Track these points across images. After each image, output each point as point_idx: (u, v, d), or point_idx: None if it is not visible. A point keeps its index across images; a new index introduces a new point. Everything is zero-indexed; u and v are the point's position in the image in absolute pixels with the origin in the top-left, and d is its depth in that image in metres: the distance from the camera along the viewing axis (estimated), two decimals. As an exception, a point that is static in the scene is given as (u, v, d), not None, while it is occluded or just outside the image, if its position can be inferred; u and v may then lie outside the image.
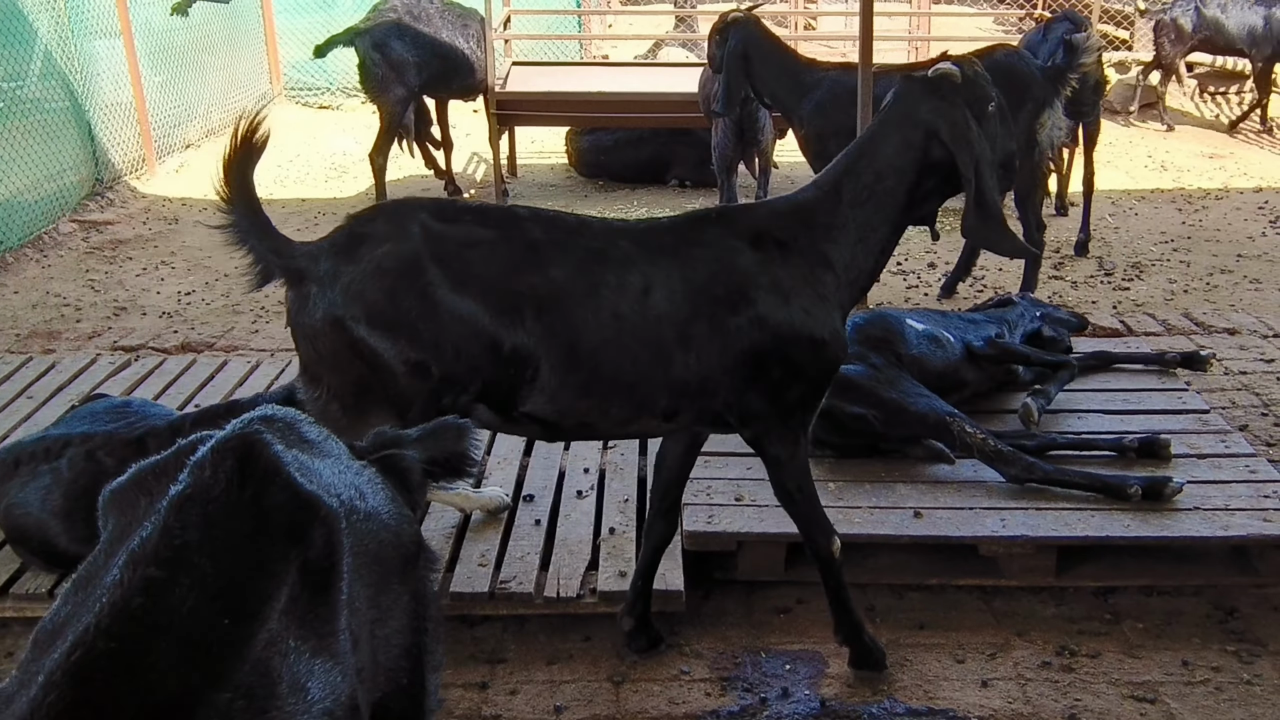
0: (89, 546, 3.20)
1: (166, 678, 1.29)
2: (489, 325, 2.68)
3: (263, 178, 9.26)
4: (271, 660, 1.37)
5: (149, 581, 1.35)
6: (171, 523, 1.42)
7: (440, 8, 7.88)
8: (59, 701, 1.24)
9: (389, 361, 2.68)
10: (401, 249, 2.69)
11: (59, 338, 5.82)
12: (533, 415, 2.81)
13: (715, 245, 2.81)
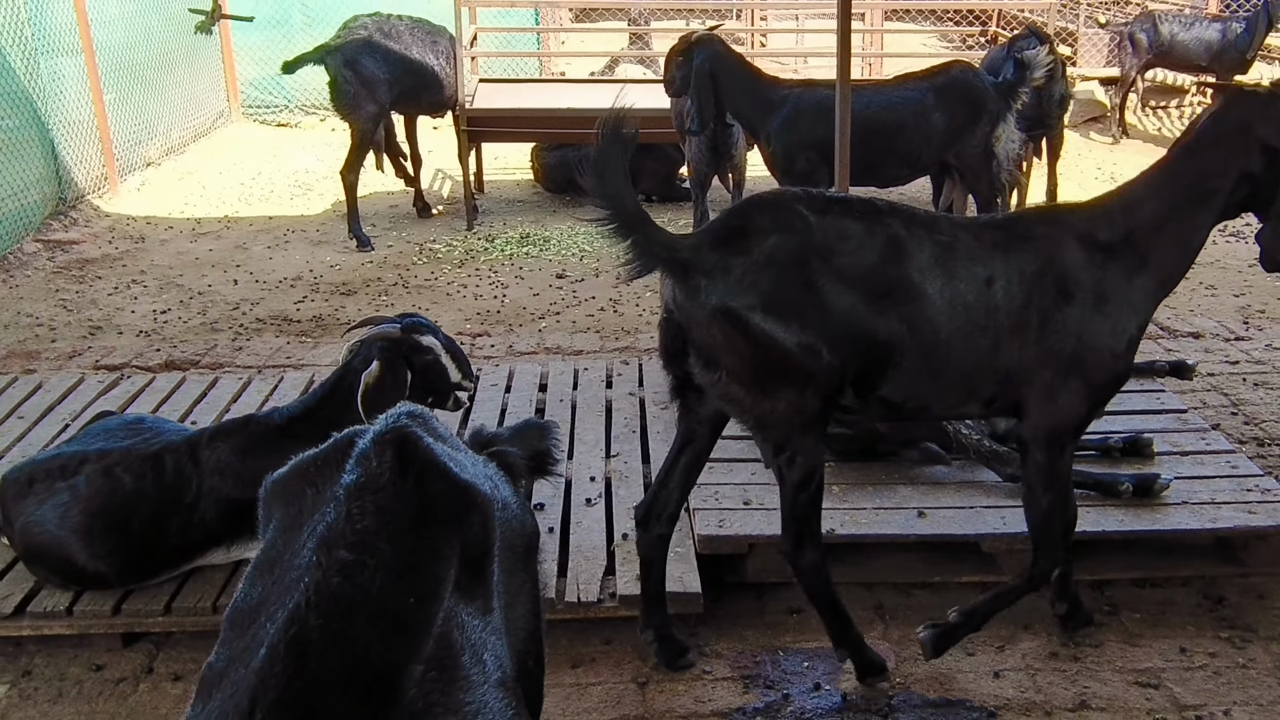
0: (107, 563, 3.23)
1: (370, 651, 1.35)
2: (866, 314, 2.82)
3: (226, 195, 9.34)
4: (452, 635, 1.44)
5: (343, 564, 1.40)
6: (352, 509, 1.48)
7: (410, 25, 7.92)
8: (285, 670, 1.30)
9: (785, 344, 2.81)
10: (789, 241, 2.82)
11: (38, 358, 5.76)
12: (885, 399, 2.96)
13: (1044, 242, 2.94)
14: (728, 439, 4.25)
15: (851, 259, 2.84)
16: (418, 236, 8.23)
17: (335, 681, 1.30)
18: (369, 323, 3.71)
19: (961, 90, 5.98)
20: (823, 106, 5.82)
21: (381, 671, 1.34)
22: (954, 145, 5.99)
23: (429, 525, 1.53)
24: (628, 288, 7.04)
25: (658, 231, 2.88)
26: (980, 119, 5.94)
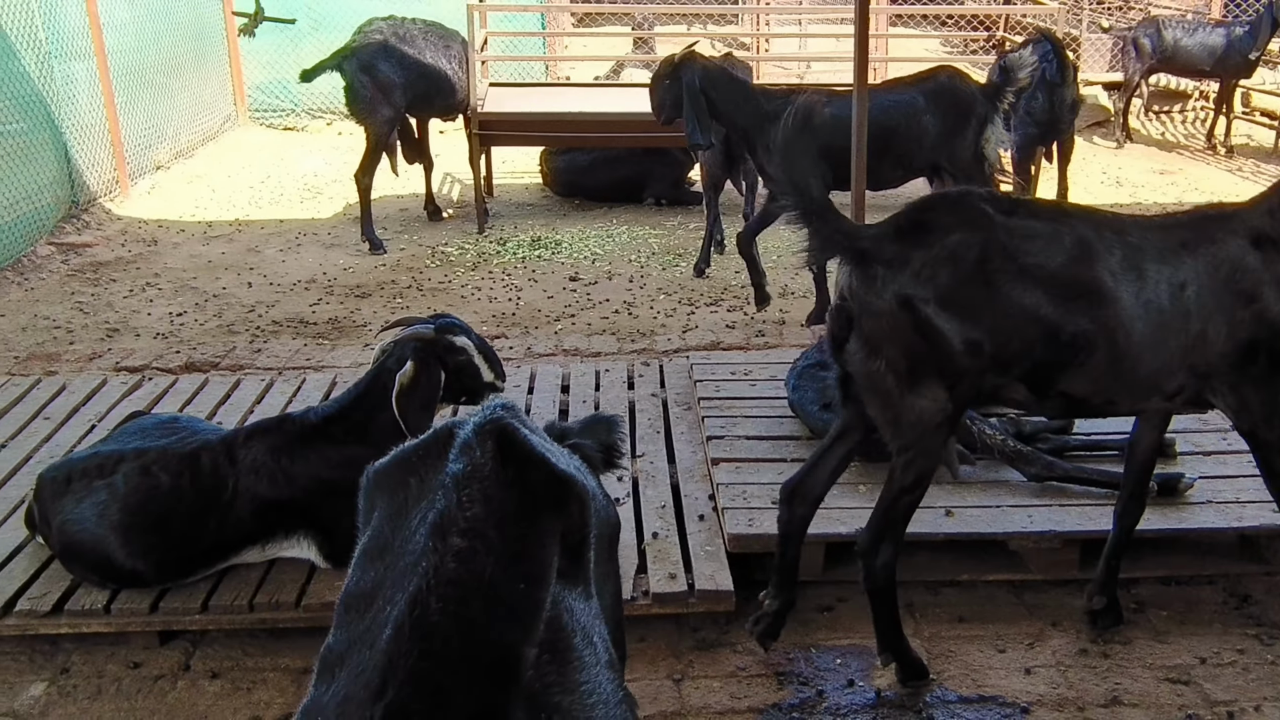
0: (145, 561, 3.25)
1: (488, 633, 1.38)
2: (1050, 312, 2.87)
3: (236, 199, 9.37)
4: (562, 618, 1.48)
5: (457, 550, 1.43)
6: (461, 498, 1.51)
7: (423, 29, 7.95)
8: (412, 650, 1.33)
9: (950, 339, 2.87)
10: (972, 237, 2.87)
11: (58, 360, 5.78)
12: (1067, 393, 3.01)
13: (1225, 242, 2.98)
14: (753, 439, 4.31)
15: (1038, 259, 2.89)
16: (429, 240, 8.25)
17: (458, 662, 1.33)
18: (401, 324, 3.74)
19: (948, 95, 6.05)
20: (813, 112, 5.89)
21: (500, 652, 1.37)
22: (945, 148, 6.06)
23: (532, 513, 1.56)
24: (640, 290, 7.08)
25: (840, 220, 2.97)
26: (969, 122, 6.00)
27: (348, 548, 3.47)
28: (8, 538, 3.81)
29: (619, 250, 7.96)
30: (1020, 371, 2.96)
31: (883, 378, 2.95)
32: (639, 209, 9.06)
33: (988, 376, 2.94)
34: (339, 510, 3.48)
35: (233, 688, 3.35)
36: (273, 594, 3.48)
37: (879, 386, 2.97)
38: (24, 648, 3.51)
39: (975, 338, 2.87)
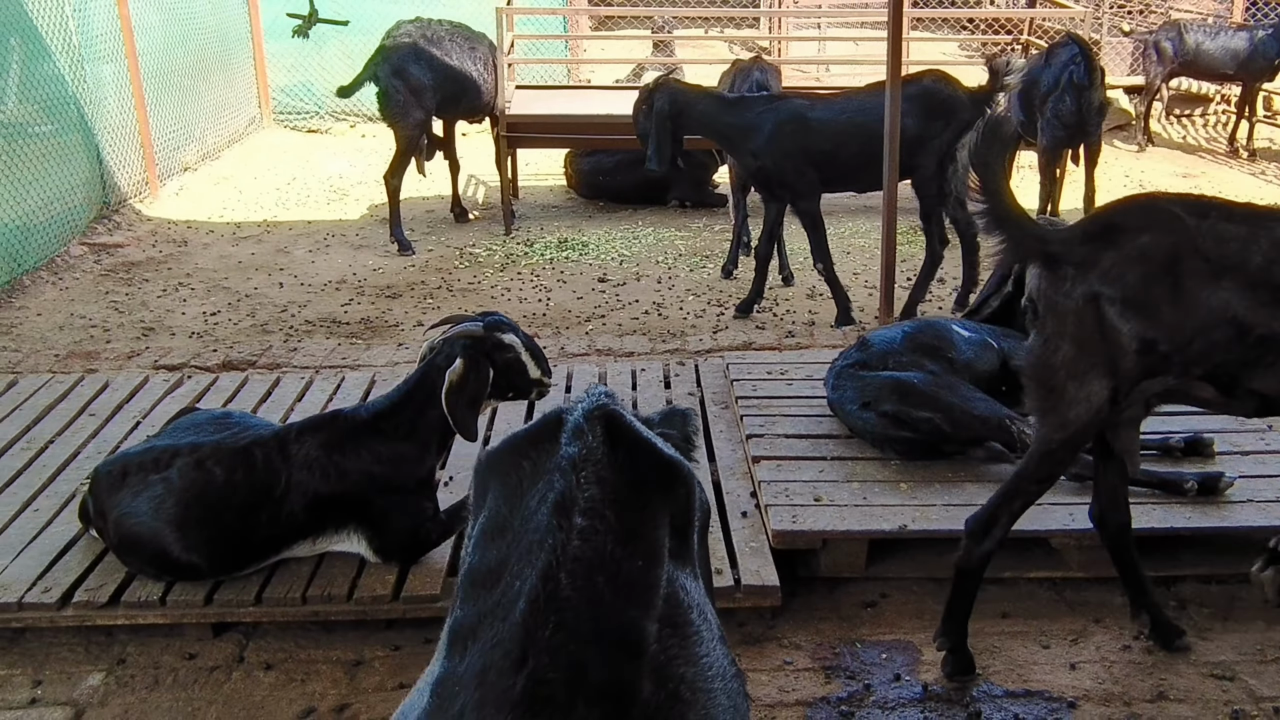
0: (200, 554, 3.31)
1: (614, 608, 1.42)
2: (1242, 313, 2.89)
3: (263, 200, 9.44)
4: (678, 595, 1.52)
5: (580, 529, 1.48)
6: (579, 479, 1.55)
7: (449, 30, 8.01)
8: (547, 622, 1.37)
9: (1125, 338, 2.92)
10: (1163, 240, 2.92)
11: (97, 358, 5.84)
12: (1258, 392, 3.04)
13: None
14: (792, 437, 4.35)
15: (1233, 262, 2.90)
16: (457, 241, 8.31)
17: (589, 635, 1.37)
18: (449, 321, 3.78)
19: (930, 99, 6.06)
20: (799, 118, 6.11)
21: (626, 626, 1.42)
22: (920, 150, 6.07)
23: (644, 495, 1.60)
24: (669, 291, 7.12)
25: (1031, 225, 3.05)
26: (948, 126, 6.01)
27: (396, 542, 3.55)
28: (61, 531, 3.87)
29: (645, 252, 8.01)
30: (1203, 371, 3.00)
31: (1054, 371, 3.01)
32: (663, 211, 9.11)
33: (1164, 377, 2.98)
34: (388, 505, 3.56)
35: (286, 679, 3.40)
36: (324, 587, 3.53)
37: (1046, 379, 3.03)
38: (80, 638, 3.56)
39: (1152, 337, 2.92)
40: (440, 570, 3.63)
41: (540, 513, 1.53)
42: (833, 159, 6.16)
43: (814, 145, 6.13)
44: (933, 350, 4.33)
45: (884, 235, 6.01)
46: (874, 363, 4.34)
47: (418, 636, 3.56)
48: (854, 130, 6.07)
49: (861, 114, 6.09)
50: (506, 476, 1.68)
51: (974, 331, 4.50)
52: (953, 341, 4.39)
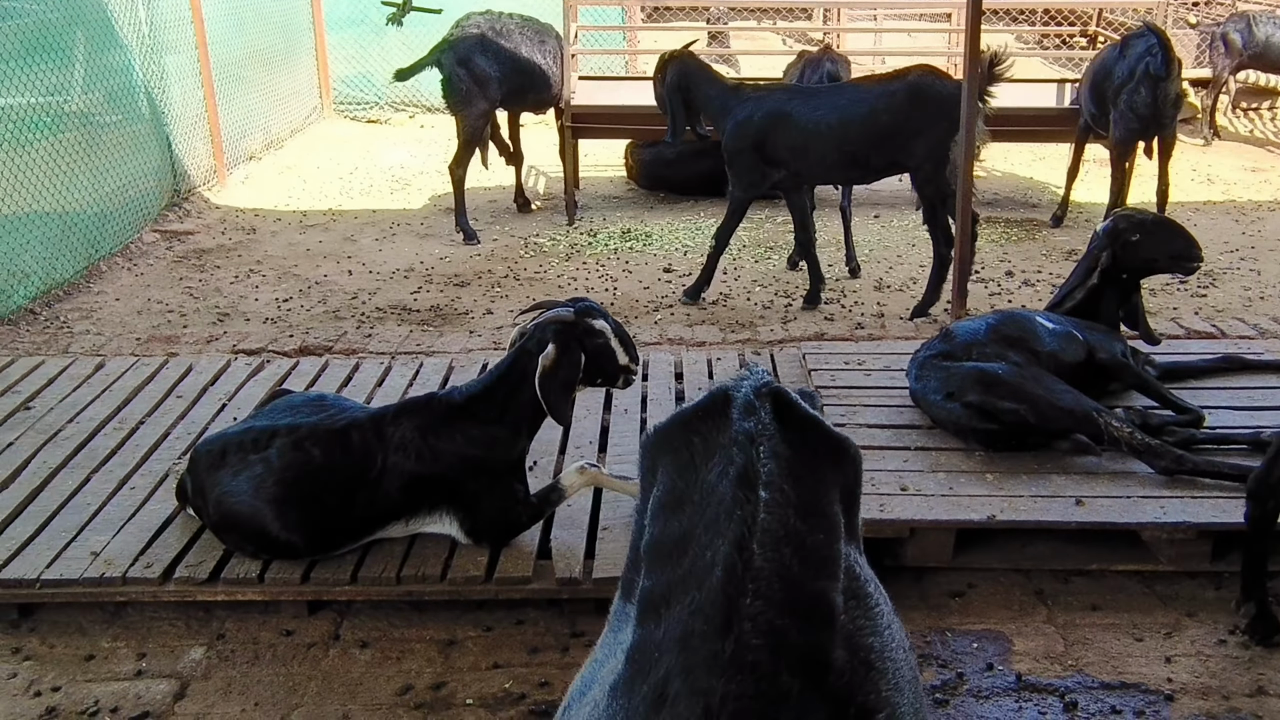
0: (299, 533, 3.36)
1: (804, 578, 1.45)
2: None
3: (327, 189, 9.55)
4: (854, 568, 1.55)
5: (765, 501, 1.50)
6: (757, 453, 1.58)
7: (519, 23, 8.05)
8: (745, 590, 1.39)
9: None
10: None
11: (177, 342, 5.95)
12: None
13: None
14: (874, 427, 4.36)
15: None
16: (520, 231, 8.37)
17: (784, 604, 1.40)
18: (540, 307, 3.82)
19: (918, 94, 5.97)
20: (769, 111, 6.15)
21: (816, 596, 1.44)
22: (907, 147, 6.01)
23: (817, 470, 1.63)
24: (735, 282, 7.13)
25: None
26: (939, 123, 5.91)
27: (487, 524, 3.59)
28: (157, 509, 3.95)
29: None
30: None
31: None
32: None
33: None
34: (480, 487, 3.61)
35: (382, 656, 3.45)
36: (418, 567, 3.58)
37: None
38: (180, 613, 3.64)
39: None
40: (530, 553, 3.67)
41: (722, 485, 1.55)
42: (805, 153, 6.20)
43: (785, 141, 6.17)
44: (1017, 342, 4.31)
45: (959, 228, 5.97)
46: (958, 353, 4.33)
47: (509, 617, 3.61)
48: (837, 124, 6.06)
49: (839, 111, 6.07)
50: (678, 452, 1.71)
51: (1058, 324, 4.47)
52: (1037, 333, 4.36)
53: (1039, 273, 7.19)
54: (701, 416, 1.73)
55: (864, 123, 6.03)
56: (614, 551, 3.65)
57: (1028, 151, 10.63)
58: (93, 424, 4.64)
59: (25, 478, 4.21)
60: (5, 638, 3.57)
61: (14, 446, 4.45)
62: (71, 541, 3.76)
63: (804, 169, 6.32)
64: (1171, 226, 4.73)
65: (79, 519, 3.90)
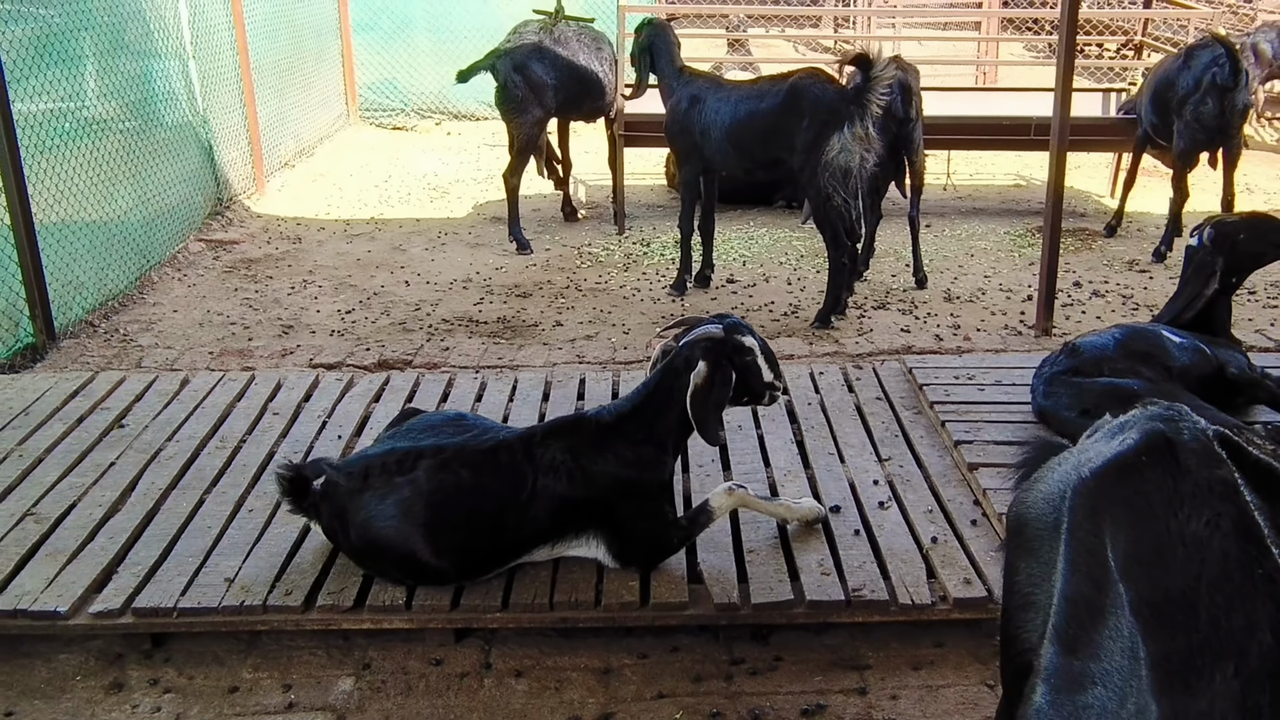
0: (449, 558, 3.25)
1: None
2: None
3: (365, 197, 9.42)
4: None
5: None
6: (1244, 506, 1.51)
7: (577, 31, 7.96)
8: None
9: None
10: None
11: (251, 355, 5.82)
12: None
13: None
14: (1003, 444, 4.28)
15: None
16: (571, 240, 8.26)
17: None
18: (682, 324, 3.73)
19: (795, 98, 6.06)
20: (691, 96, 6.54)
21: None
22: (788, 144, 6.13)
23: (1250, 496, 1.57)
24: (801, 293, 7.05)
25: None
26: (814, 124, 5.99)
27: (638, 547, 3.50)
28: (281, 532, 3.83)
29: (765, 253, 7.94)
30: None
31: None
32: (771, 211, 9.03)
33: None
34: (632, 509, 3.51)
35: (540, 686, 3.34)
36: (569, 593, 3.48)
37: None
38: (319, 642, 3.52)
39: None
40: (681, 577, 3.57)
41: (1217, 541, 1.47)
42: (709, 139, 6.50)
43: (698, 125, 6.50)
44: (1148, 357, 4.26)
45: (1046, 240, 5.92)
46: (1088, 369, 4.26)
47: (662, 644, 3.51)
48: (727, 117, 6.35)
49: (734, 104, 6.35)
50: (1130, 502, 1.62)
51: (1184, 338, 4.42)
52: (1166, 348, 4.31)
53: (1105, 283, 7.15)
54: (1147, 464, 1.64)
55: (750, 118, 6.31)
56: (766, 576, 3.56)
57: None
58: (193, 442, 4.51)
59: (136, 500, 4.07)
60: (140, 669, 3.44)
61: (117, 466, 4.31)
62: (201, 567, 3.63)
63: (710, 155, 6.62)
64: (1266, 217, 4.76)
65: (203, 544, 3.77)
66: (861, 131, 6.01)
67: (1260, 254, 4.72)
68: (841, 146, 6.00)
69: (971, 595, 3.46)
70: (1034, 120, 8.31)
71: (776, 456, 4.35)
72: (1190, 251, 4.77)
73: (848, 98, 5.97)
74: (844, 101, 5.97)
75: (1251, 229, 4.68)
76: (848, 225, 6.31)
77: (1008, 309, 6.71)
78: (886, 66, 5.98)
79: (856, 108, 5.96)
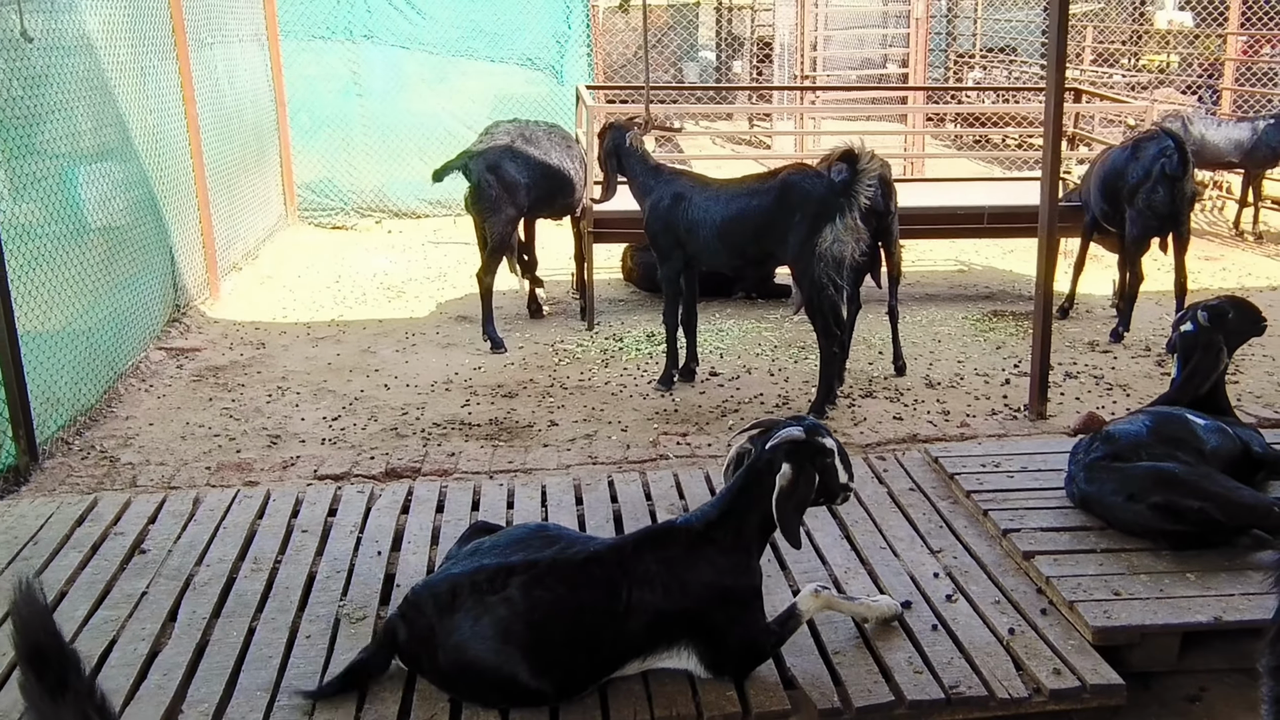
0: (548, 678, 3.17)
1: None
2: None
3: (318, 299, 9.28)
4: None
5: None
6: None
7: (547, 130, 8.03)
8: None
9: None
10: None
11: (251, 469, 5.61)
12: None
13: None
14: (1052, 531, 4.37)
15: None
16: (541, 337, 8.24)
17: None
18: (759, 426, 3.74)
19: (785, 192, 6.24)
20: (675, 194, 6.63)
21: None
22: (781, 240, 6.30)
23: None
24: (785, 383, 7.13)
25: None
26: (806, 218, 6.17)
27: (733, 656, 3.45)
28: (345, 659, 3.66)
29: (739, 344, 8.03)
30: None
31: None
32: (732, 303, 9.14)
33: None
34: (728, 617, 3.47)
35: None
36: (668, 707, 3.40)
37: None
38: (409, 775, 3.36)
39: None
40: (776, 683, 3.52)
41: None
42: (696, 238, 6.59)
43: (683, 224, 6.59)
44: (1181, 441, 4.41)
45: (1037, 326, 6.12)
46: (1126, 455, 4.39)
47: (766, 754, 3.45)
48: (716, 216, 6.46)
49: (723, 203, 6.45)
50: None
51: (1207, 420, 4.59)
52: (1195, 432, 4.47)
53: (1074, 364, 7.40)
54: None
55: (741, 216, 6.41)
56: (859, 677, 3.54)
57: (995, 246, 11.01)
58: (225, 566, 4.31)
59: (181, 631, 3.86)
60: (220, 815, 3.23)
61: (150, 596, 4.09)
62: (273, 702, 3.45)
63: (697, 252, 6.71)
64: (1243, 300, 5.05)
65: (267, 676, 3.59)
66: (852, 222, 6.18)
67: (1245, 332, 5.05)
68: (835, 238, 6.15)
69: (1065, 686, 3.49)
70: (986, 209, 8.66)
71: (831, 554, 4.35)
72: (1188, 336, 4.98)
73: (837, 191, 6.14)
74: (834, 195, 6.13)
75: (1237, 309, 4.98)
76: (838, 315, 6.43)
77: (990, 393, 6.89)
78: (872, 160, 6.17)
79: (846, 200, 6.13)
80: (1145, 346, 7.77)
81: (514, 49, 11.56)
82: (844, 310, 6.58)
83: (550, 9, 11.53)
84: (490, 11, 11.46)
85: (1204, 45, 18.41)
